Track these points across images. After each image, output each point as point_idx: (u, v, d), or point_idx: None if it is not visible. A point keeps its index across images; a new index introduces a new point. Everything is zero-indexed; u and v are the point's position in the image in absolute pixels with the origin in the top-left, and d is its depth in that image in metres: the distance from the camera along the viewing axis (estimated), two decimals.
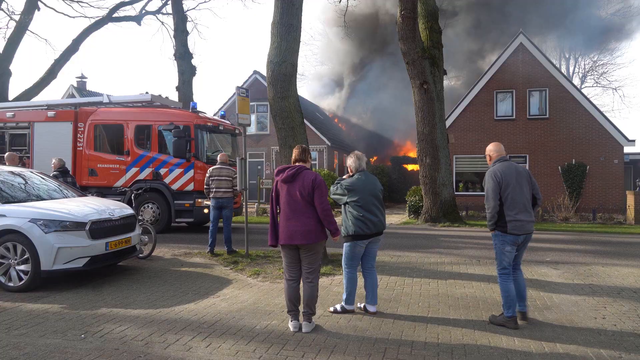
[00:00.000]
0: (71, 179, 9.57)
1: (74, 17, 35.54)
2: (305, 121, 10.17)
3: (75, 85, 31.47)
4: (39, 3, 21.22)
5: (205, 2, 27.06)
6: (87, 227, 6.63)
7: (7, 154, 9.83)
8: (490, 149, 5.37)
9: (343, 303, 5.53)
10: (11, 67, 20.37)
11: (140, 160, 12.47)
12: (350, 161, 5.55)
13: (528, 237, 5.17)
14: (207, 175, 9.34)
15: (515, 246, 5.12)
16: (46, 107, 13.45)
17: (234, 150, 13.84)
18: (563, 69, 37.89)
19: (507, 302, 5.05)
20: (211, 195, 9.27)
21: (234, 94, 15.74)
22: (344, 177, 5.59)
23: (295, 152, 5.15)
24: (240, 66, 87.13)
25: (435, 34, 16.50)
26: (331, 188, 5.52)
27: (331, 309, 5.58)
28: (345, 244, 5.47)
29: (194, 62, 21.28)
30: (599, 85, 40.90)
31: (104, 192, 11.99)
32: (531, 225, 5.15)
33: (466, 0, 31.69)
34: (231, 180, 9.31)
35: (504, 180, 5.03)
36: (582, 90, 28.17)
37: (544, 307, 5.83)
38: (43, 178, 8.19)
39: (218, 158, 9.58)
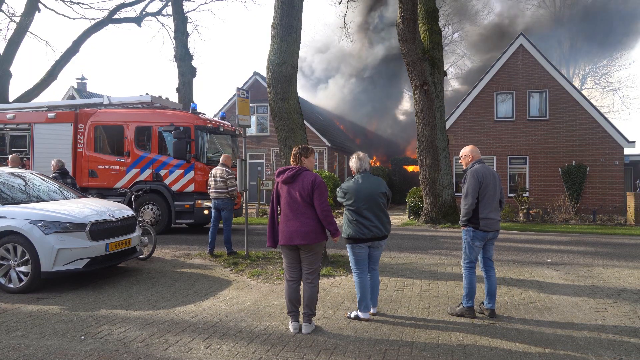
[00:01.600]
0: (71, 180, 9.57)
1: (74, 19, 35.60)
2: (305, 122, 10.18)
3: (76, 86, 31.54)
4: (40, 5, 21.26)
5: (205, 3, 27.00)
6: (87, 229, 6.63)
7: (11, 155, 9.83)
8: (471, 150, 5.68)
9: (358, 311, 5.35)
10: (11, 69, 20.40)
11: (140, 162, 12.47)
12: (351, 162, 5.51)
13: (495, 234, 5.51)
14: (210, 175, 9.48)
15: (484, 242, 5.44)
16: (46, 109, 13.44)
17: (234, 151, 13.84)
18: (563, 70, 37.90)
19: (469, 293, 5.41)
20: (210, 197, 9.37)
21: (234, 95, 15.75)
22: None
23: (291, 154, 5.14)
24: (241, 67, 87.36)
25: (436, 35, 16.51)
26: (337, 194, 5.46)
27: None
28: (347, 246, 5.44)
29: (194, 63, 21.32)
30: (599, 86, 40.94)
31: (104, 193, 12.00)
32: (499, 224, 5.51)
33: None
34: (225, 181, 9.21)
35: (484, 180, 5.36)
36: (582, 92, 28.20)
37: (545, 308, 5.83)
38: (43, 179, 8.19)
39: (221, 159, 9.60)
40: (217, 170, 9.31)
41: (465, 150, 5.70)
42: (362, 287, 5.31)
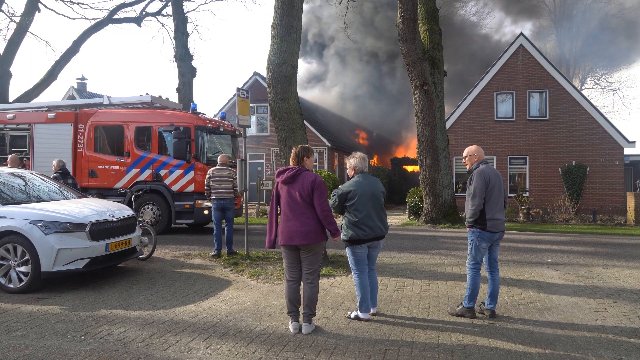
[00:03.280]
0: (72, 180, 9.57)
1: (74, 19, 35.66)
2: (305, 122, 10.16)
3: (76, 86, 31.57)
4: (40, 5, 21.25)
5: (205, 3, 27.06)
6: (87, 229, 6.63)
7: (10, 155, 9.81)
8: (477, 149, 5.66)
9: (358, 311, 5.35)
10: (11, 69, 20.38)
11: (140, 162, 12.47)
12: (353, 162, 5.46)
13: (501, 235, 5.50)
14: (207, 176, 9.27)
15: (490, 243, 5.43)
16: (46, 109, 13.45)
17: (234, 151, 13.83)
18: (563, 70, 37.88)
19: (471, 294, 5.41)
20: (212, 197, 9.22)
21: (234, 95, 15.75)
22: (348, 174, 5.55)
23: (291, 155, 5.13)
24: (241, 67, 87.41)
25: (436, 35, 16.51)
26: (330, 202, 5.29)
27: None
28: (346, 249, 5.42)
29: (194, 63, 21.33)
30: (599, 86, 40.90)
31: (104, 193, 11.99)
32: (504, 224, 5.51)
33: None
34: (232, 181, 9.30)
35: (490, 180, 5.35)
36: (582, 92, 28.19)
37: (545, 308, 5.83)
38: (43, 179, 8.19)
39: (218, 159, 9.53)
40: (223, 171, 9.26)
41: (471, 150, 5.65)
42: (364, 287, 5.30)
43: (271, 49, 8.51)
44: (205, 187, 9.31)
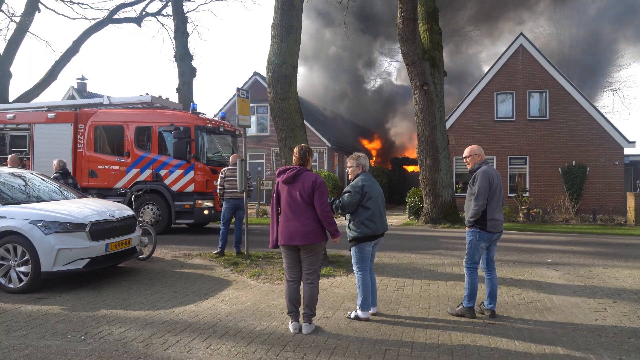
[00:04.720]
0: (72, 180, 9.56)
1: (74, 19, 35.66)
2: (305, 122, 10.16)
3: (76, 86, 31.57)
4: (40, 5, 21.28)
5: (205, 3, 27.06)
6: (87, 229, 6.63)
7: (10, 155, 9.79)
8: (479, 149, 5.67)
9: (359, 310, 5.34)
10: (11, 69, 20.42)
11: (140, 162, 12.47)
12: (362, 160, 5.47)
13: (499, 235, 5.54)
14: (221, 176, 9.23)
15: (488, 243, 5.46)
16: (46, 109, 13.45)
17: (234, 151, 13.84)
18: (563, 70, 37.80)
19: (470, 293, 5.43)
20: (227, 197, 9.19)
21: (234, 95, 15.75)
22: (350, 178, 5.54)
23: (294, 155, 5.12)
24: (241, 67, 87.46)
25: (436, 35, 16.51)
26: (345, 198, 5.22)
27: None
28: (352, 248, 5.39)
29: (194, 63, 21.36)
30: (599, 86, 40.83)
31: (104, 193, 11.98)
32: (503, 225, 5.56)
33: None
34: (247, 179, 9.24)
35: (494, 181, 5.38)
36: (582, 92, 28.16)
37: (545, 308, 5.83)
38: (43, 179, 8.19)
39: (230, 159, 9.50)
40: (237, 170, 9.14)
41: (474, 150, 5.66)
42: (367, 286, 5.31)
43: (271, 49, 8.51)
44: (219, 187, 9.25)
